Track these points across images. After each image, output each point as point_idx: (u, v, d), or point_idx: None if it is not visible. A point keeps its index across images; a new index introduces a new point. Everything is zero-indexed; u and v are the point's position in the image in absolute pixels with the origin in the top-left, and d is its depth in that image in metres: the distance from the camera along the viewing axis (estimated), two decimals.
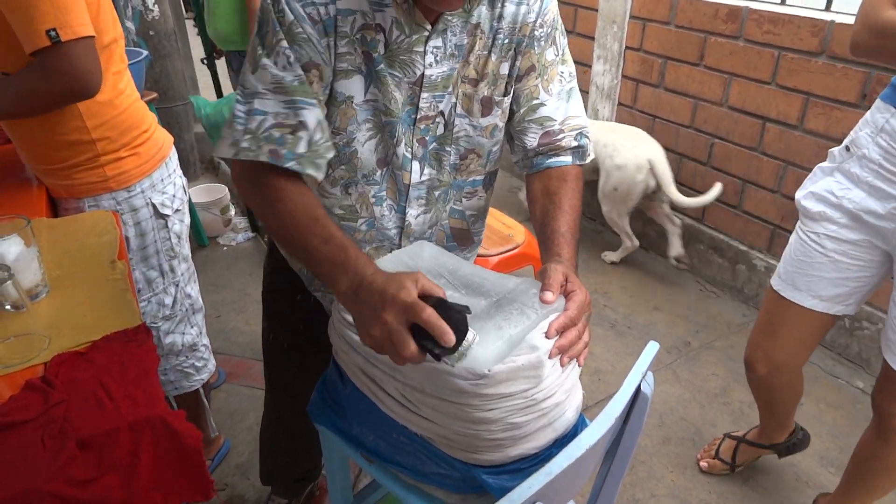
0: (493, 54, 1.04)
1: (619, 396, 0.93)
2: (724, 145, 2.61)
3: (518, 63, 1.07)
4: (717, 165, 2.67)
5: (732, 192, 2.63)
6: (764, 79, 2.39)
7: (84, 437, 0.83)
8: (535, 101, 1.09)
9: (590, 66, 3.14)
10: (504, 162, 1.19)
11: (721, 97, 2.56)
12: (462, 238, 1.22)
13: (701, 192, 2.76)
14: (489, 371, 0.88)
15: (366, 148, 1.04)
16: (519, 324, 0.96)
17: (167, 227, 1.56)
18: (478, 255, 2.01)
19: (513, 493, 0.75)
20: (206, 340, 1.76)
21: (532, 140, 1.10)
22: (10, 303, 0.99)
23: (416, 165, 1.07)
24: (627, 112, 3.02)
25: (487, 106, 1.08)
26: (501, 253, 1.97)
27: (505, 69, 1.06)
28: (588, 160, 1.14)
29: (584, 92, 3.22)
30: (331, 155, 0.99)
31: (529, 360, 0.91)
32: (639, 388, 0.97)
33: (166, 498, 0.91)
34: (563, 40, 1.10)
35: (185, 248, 1.65)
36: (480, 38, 1.02)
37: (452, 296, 1.05)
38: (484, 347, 0.92)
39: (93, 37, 1.26)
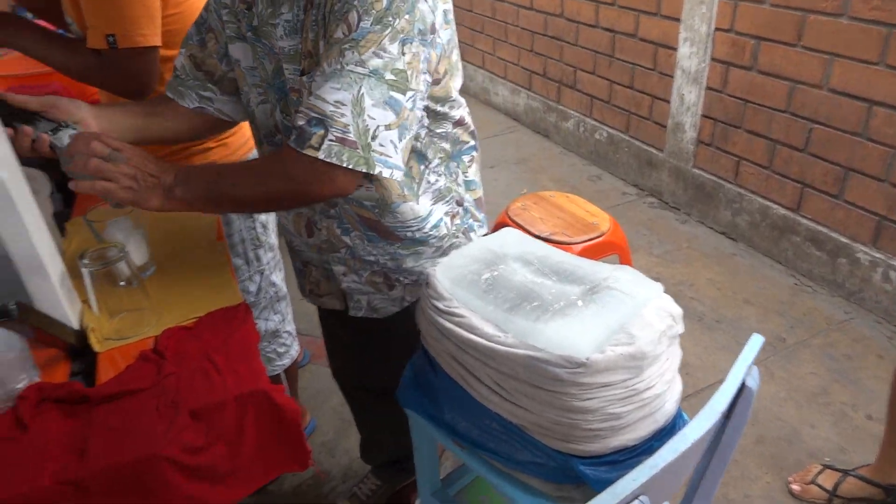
0: (311, 31, 0.98)
1: (724, 389, 0.89)
2: (824, 130, 2.44)
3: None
4: (815, 152, 2.51)
5: (833, 180, 2.46)
6: (871, 59, 2.22)
7: (194, 407, 0.87)
8: (311, 79, 0.96)
9: (675, 49, 3.01)
10: (582, 149, 1.15)
11: (821, 79, 2.40)
12: (381, 231, 1.14)
13: (797, 181, 2.61)
14: (587, 359, 0.86)
15: (260, 111, 1.13)
16: (617, 312, 0.94)
17: (252, 216, 1.60)
18: (561, 244, 1.98)
19: (616, 485, 0.73)
20: (289, 327, 1.79)
21: None
22: (124, 279, 1.05)
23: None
24: (716, 97, 2.88)
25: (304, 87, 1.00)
26: (585, 241, 1.92)
27: (321, 48, 0.97)
28: (311, 152, 0.90)
29: (669, 76, 3.10)
30: (191, 93, 1.18)
31: (629, 350, 0.88)
32: (743, 382, 0.93)
33: (267, 468, 0.94)
34: (365, 23, 0.90)
35: (272, 237, 1.68)
36: (311, 14, 0.97)
37: (543, 282, 1.03)
38: (581, 335, 0.90)
39: (154, 47, 1.32)
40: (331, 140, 0.91)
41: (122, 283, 1.04)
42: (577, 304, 0.94)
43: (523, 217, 2.03)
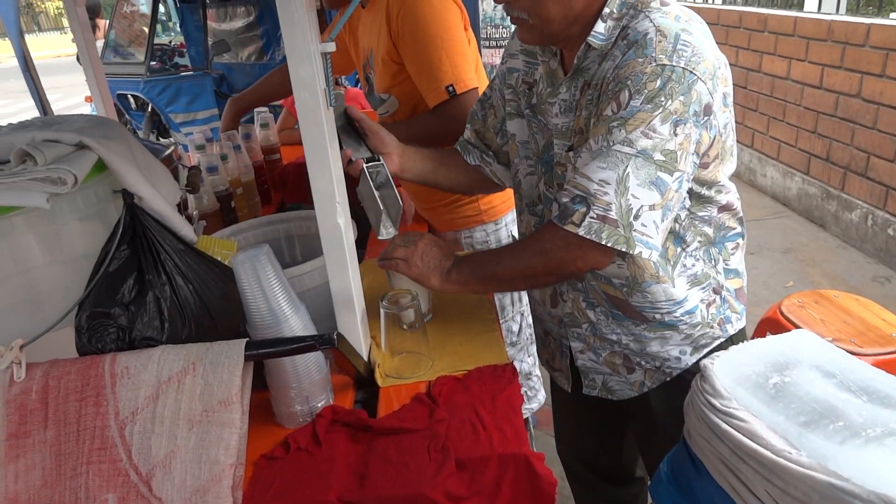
0: (585, 110, 1.03)
1: None
2: None
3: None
4: None
5: None
6: None
7: (461, 457, 0.91)
8: (577, 155, 1.00)
9: None
10: (867, 245, 0.99)
11: None
12: (628, 311, 1.13)
13: None
14: None
15: (527, 181, 1.22)
16: None
17: None
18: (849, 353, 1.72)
19: None
20: (539, 371, 1.83)
21: None
22: (407, 323, 1.15)
23: (556, 207, 1.08)
24: None
25: None
26: (879, 355, 1.65)
27: (591, 125, 1.02)
28: (571, 228, 0.96)
29: None
30: (475, 151, 1.33)
31: None
32: None
33: None
34: (635, 102, 0.92)
35: None
36: (587, 94, 1.03)
37: (850, 399, 0.90)
38: None
39: (477, 87, 1.46)
40: (592, 217, 0.95)
41: (404, 326, 1.14)
42: None
43: (800, 316, 1.82)
